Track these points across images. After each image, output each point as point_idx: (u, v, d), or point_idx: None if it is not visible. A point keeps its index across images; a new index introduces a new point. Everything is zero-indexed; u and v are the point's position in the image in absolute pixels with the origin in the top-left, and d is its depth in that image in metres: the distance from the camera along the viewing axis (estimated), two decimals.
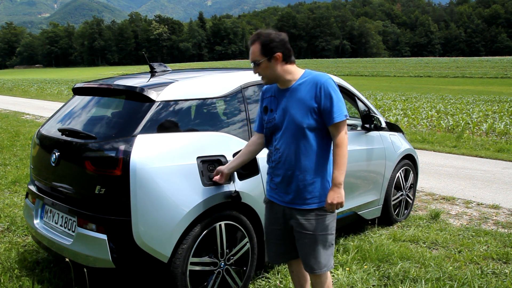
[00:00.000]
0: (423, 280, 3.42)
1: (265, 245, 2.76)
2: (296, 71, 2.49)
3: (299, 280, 2.78)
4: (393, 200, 4.73)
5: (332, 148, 2.47)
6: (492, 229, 4.75)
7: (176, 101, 2.97)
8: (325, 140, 2.46)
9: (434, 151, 9.39)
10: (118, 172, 2.64)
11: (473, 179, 6.96)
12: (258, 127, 2.71)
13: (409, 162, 4.91)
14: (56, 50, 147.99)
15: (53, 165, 3.01)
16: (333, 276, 3.44)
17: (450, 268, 3.67)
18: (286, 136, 2.46)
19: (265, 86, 2.66)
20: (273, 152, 2.55)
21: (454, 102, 20.10)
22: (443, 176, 7.14)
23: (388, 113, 15.24)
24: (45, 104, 20.60)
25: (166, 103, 2.92)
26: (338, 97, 2.39)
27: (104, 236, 2.68)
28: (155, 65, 3.65)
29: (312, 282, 2.61)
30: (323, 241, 2.49)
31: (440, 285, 3.36)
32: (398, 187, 4.79)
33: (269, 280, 3.43)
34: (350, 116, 5.77)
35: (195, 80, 3.32)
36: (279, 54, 2.42)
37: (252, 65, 2.50)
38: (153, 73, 3.57)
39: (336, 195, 2.39)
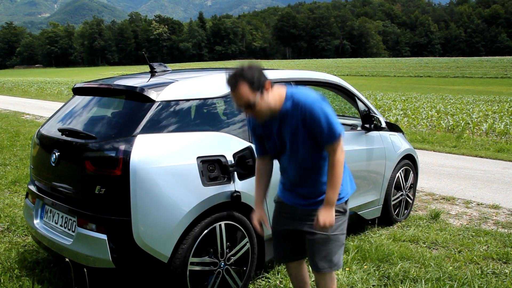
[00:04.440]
0: (423, 280, 3.42)
1: (273, 244, 2.72)
2: (279, 93, 2.34)
3: (298, 283, 2.77)
4: (393, 200, 4.73)
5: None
6: (492, 229, 4.75)
7: (176, 101, 2.97)
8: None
9: (434, 151, 9.39)
10: (118, 172, 2.65)
11: (473, 179, 6.96)
12: (259, 152, 2.61)
13: (409, 162, 4.91)
14: (56, 50, 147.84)
15: (53, 165, 3.01)
16: None
17: (450, 268, 3.67)
18: (291, 159, 2.44)
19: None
20: (281, 170, 2.55)
21: (454, 102, 20.09)
22: (443, 176, 7.14)
23: (388, 113, 15.24)
24: (45, 104, 20.59)
25: (166, 103, 2.92)
26: (326, 118, 2.26)
27: (104, 236, 2.68)
28: (155, 65, 3.65)
29: (317, 282, 2.60)
30: (336, 241, 2.49)
31: (440, 285, 3.36)
32: (398, 187, 4.79)
33: (269, 280, 3.43)
34: (350, 116, 5.78)
35: (195, 80, 3.32)
36: (268, 81, 2.26)
37: (242, 109, 2.28)
38: (153, 73, 3.57)
39: (329, 216, 2.34)
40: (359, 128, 4.39)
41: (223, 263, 2.98)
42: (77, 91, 3.45)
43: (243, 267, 3.13)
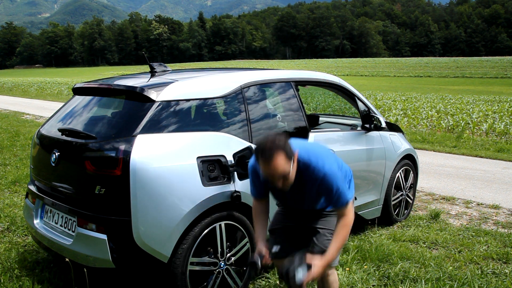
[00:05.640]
0: (423, 280, 3.42)
1: (269, 241, 2.68)
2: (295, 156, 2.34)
3: None
4: (393, 200, 4.73)
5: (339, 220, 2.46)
6: (492, 229, 4.75)
7: (176, 101, 2.97)
8: None
9: (434, 151, 9.39)
10: (118, 172, 2.65)
11: (473, 179, 6.96)
12: (258, 194, 2.59)
13: (409, 162, 4.91)
14: (56, 50, 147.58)
15: (53, 165, 3.01)
16: None
17: (450, 268, 3.67)
18: (298, 208, 2.56)
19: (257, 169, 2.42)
20: (284, 207, 2.65)
21: (454, 102, 20.07)
22: (443, 176, 7.14)
23: (388, 113, 15.23)
24: (45, 104, 20.59)
25: (166, 103, 2.92)
26: (337, 187, 2.34)
27: (104, 236, 2.68)
28: (155, 65, 3.66)
29: (318, 285, 2.62)
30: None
31: (440, 285, 3.36)
32: (398, 187, 4.78)
33: (269, 280, 3.43)
34: (350, 116, 5.78)
35: (195, 80, 3.32)
36: (295, 154, 2.29)
37: (275, 182, 2.25)
38: (153, 73, 3.57)
39: (318, 270, 2.28)
40: (359, 128, 4.39)
41: (223, 263, 2.98)
42: (77, 91, 3.45)
43: (243, 267, 3.13)
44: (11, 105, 19.96)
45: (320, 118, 5.10)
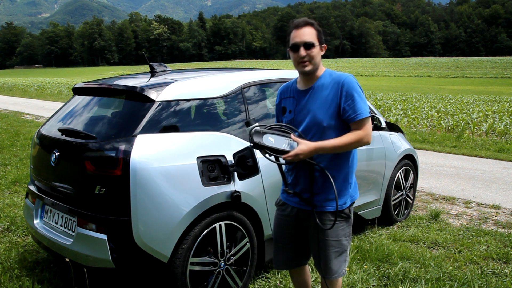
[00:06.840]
0: (423, 280, 3.42)
1: (274, 251, 2.65)
2: (321, 67, 2.42)
3: (300, 286, 2.75)
4: (393, 200, 4.73)
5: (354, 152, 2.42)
6: (492, 229, 4.75)
7: (176, 101, 2.97)
8: None
9: (434, 151, 9.39)
10: (118, 172, 2.65)
11: (473, 179, 6.96)
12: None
13: (409, 162, 4.91)
14: (56, 50, 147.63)
15: (53, 165, 3.01)
16: None
17: (450, 268, 3.67)
18: (306, 137, 2.37)
19: (282, 87, 2.56)
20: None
21: (454, 102, 20.07)
22: (443, 176, 7.14)
23: (388, 113, 15.23)
24: (45, 104, 20.59)
25: (166, 103, 2.92)
26: (360, 96, 2.32)
27: (104, 236, 2.68)
28: (155, 65, 3.66)
29: (322, 284, 2.59)
30: (335, 247, 2.43)
31: (440, 285, 3.36)
32: (398, 187, 4.79)
33: (269, 280, 3.43)
34: None
35: (195, 80, 3.32)
36: (325, 46, 2.41)
37: (301, 46, 2.30)
38: (153, 73, 3.57)
39: (304, 151, 2.20)
40: None
41: (223, 263, 2.98)
42: (77, 91, 3.45)
43: (243, 267, 3.13)
44: (11, 105, 19.96)
45: None
